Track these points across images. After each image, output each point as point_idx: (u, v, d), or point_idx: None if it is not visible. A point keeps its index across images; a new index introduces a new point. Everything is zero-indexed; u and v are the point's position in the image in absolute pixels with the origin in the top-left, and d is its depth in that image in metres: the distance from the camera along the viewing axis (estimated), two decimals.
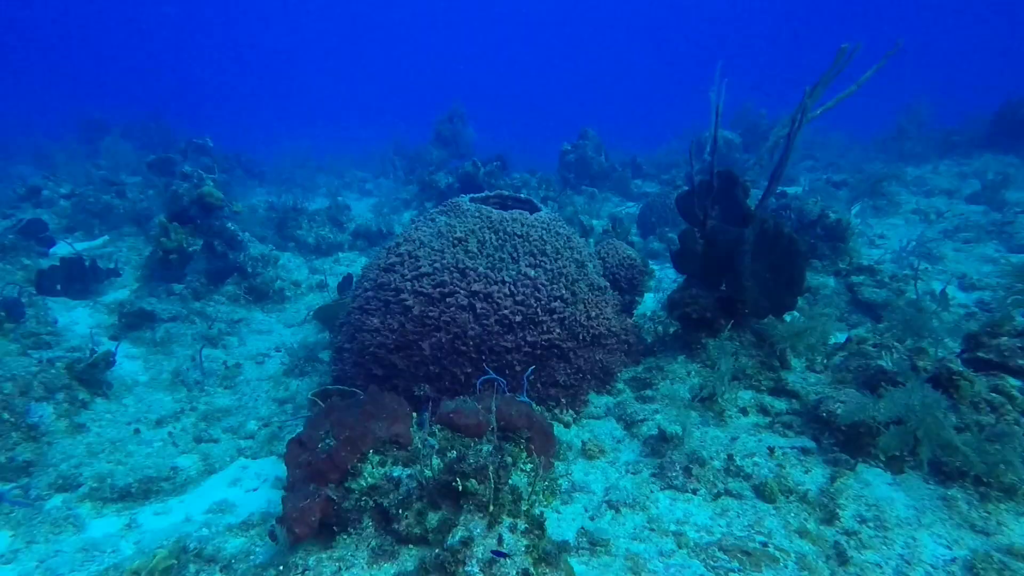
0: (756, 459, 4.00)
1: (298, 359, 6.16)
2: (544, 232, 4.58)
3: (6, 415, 4.43)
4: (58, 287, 7.40)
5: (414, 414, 3.92)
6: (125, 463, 4.51)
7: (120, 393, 5.43)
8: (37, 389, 4.69)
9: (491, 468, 3.06)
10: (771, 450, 4.08)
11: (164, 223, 7.93)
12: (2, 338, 5.45)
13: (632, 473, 3.99)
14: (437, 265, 4.49)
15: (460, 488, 2.98)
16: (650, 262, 8.83)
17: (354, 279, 7.73)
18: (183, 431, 5.04)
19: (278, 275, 8.38)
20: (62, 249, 9.74)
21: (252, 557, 3.37)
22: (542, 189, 12.60)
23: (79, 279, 7.60)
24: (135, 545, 3.71)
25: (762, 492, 3.73)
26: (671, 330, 5.62)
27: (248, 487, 4.55)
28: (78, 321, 6.77)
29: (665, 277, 8.30)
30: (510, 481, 3.25)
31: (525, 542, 2.84)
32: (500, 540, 2.82)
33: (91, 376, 5.12)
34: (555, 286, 4.42)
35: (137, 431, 4.89)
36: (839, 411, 4.13)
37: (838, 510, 3.51)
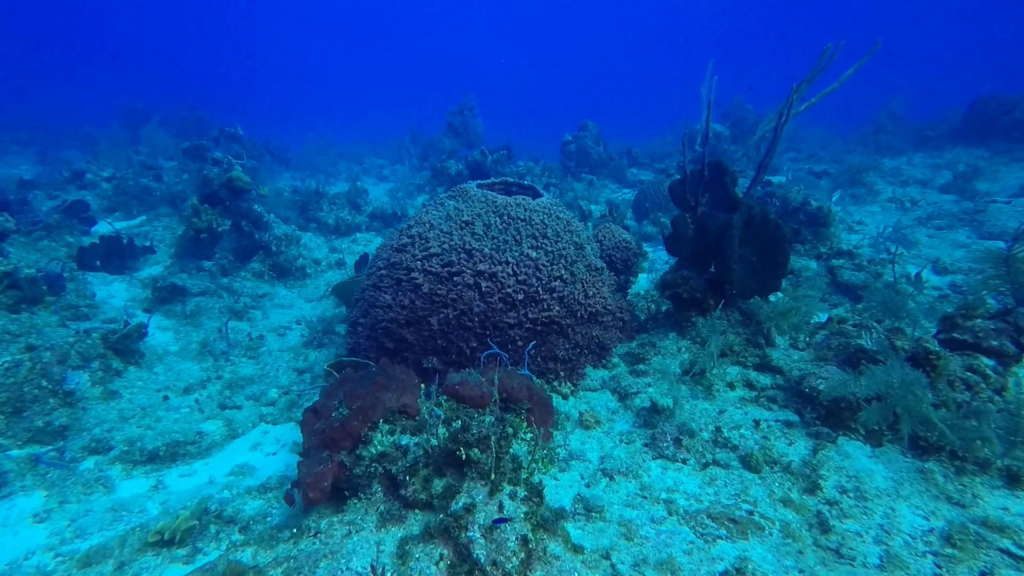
0: (742, 431, 3.85)
1: (316, 332, 6.01)
2: (545, 216, 4.38)
3: (44, 382, 4.31)
4: (97, 263, 7.25)
5: (422, 385, 3.78)
6: (154, 428, 4.40)
7: (152, 362, 5.31)
8: (74, 358, 4.56)
9: (493, 438, 2.91)
10: (756, 423, 3.92)
11: (196, 205, 7.75)
12: (44, 310, 5.32)
13: (626, 443, 3.85)
14: (445, 246, 4.31)
15: (464, 457, 2.84)
16: (644, 244, 8.62)
17: (370, 257, 7.57)
18: (209, 398, 4.92)
19: (300, 253, 8.20)
20: (103, 228, 9.58)
21: (269, 519, 3.25)
22: (545, 176, 12.32)
23: (117, 256, 7.46)
24: (161, 506, 3.60)
25: (748, 463, 3.59)
26: (663, 308, 5.44)
27: (268, 451, 4.45)
28: (115, 295, 6.64)
29: (658, 258, 8.10)
30: (511, 450, 3.12)
31: (524, 509, 2.71)
32: (501, 507, 2.68)
33: (124, 346, 4.99)
34: (555, 267, 4.23)
35: (166, 398, 4.78)
36: (821, 387, 3.97)
37: (820, 481, 3.37)
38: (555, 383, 4.33)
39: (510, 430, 2.99)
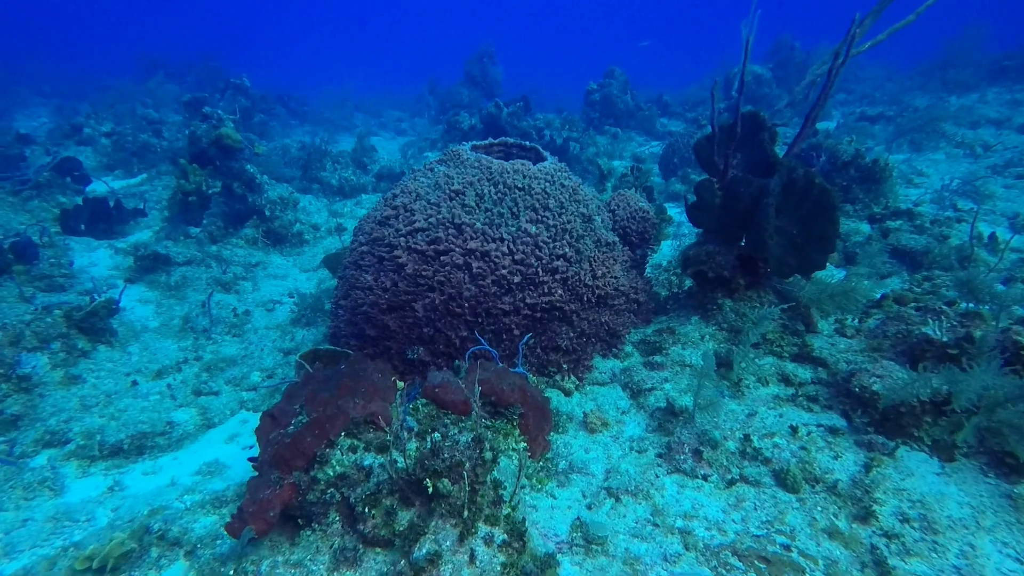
0: (776, 440, 3.27)
1: (305, 308, 5.56)
2: (547, 184, 3.72)
3: None
4: (82, 227, 6.89)
5: (401, 384, 3.28)
6: (118, 418, 4.04)
7: (126, 340, 4.94)
8: (30, 339, 4.20)
9: (467, 465, 2.40)
10: (794, 429, 3.33)
11: (184, 165, 7.26)
12: (9, 281, 4.96)
13: (637, 451, 3.31)
14: (432, 220, 3.71)
15: (431, 490, 2.34)
16: (670, 206, 7.84)
17: None
18: (183, 383, 4.55)
19: (297, 218, 7.70)
20: (100, 187, 9.22)
21: (218, 543, 2.85)
22: (565, 129, 11.42)
23: (103, 219, 7.08)
24: (112, 513, 3.26)
25: (783, 480, 3.03)
26: (686, 284, 4.79)
27: (245, 443, 4.08)
28: (97, 262, 6.28)
29: (685, 222, 7.32)
30: (493, 474, 2.62)
31: (502, 559, 2.21)
32: (472, 557, 2.19)
33: (91, 324, 4.61)
34: (558, 243, 3.61)
35: (135, 383, 4.41)
36: (876, 387, 3.33)
37: (875, 506, 2.79)
38: (557, 377, 3.78)
39: (488, 454, 2.47)
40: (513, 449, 2.99)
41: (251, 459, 3.25)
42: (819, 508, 2.86)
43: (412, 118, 18.95)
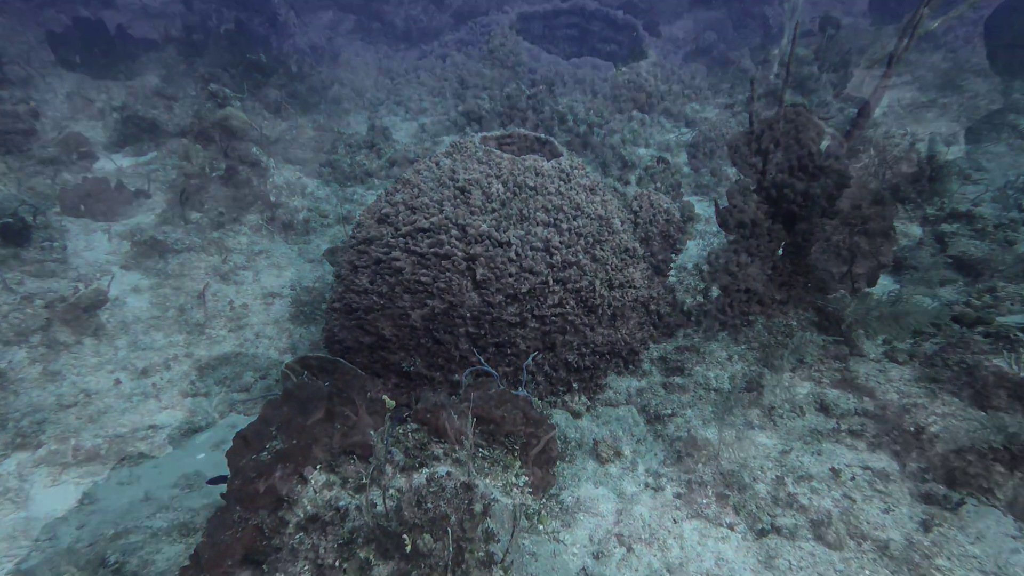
0: (814, 484, 2.89)
1: (304, 304, 5.27)
2: (561, 183, 3.33)
3: None
4: (81, 208, 6.68)
5: (392, 403, 2.96)
6: (97, 420, 3.82)
7: (115, 333, 4.71)
8: (6, 332, 3.98)
9: (452, 519, 2.08)
10: (835, 472, 2.95)
11: (187, 145, 7.00)
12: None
13: (653, 489, 2.96)
14: (434, 220, 3.36)
15: (409, 548, 2.02)
16: (698, 199, 7.35)
17: None
18: (170, 382, 4.30)
19: (305, 204, 7.40)
20: (108, 166, 9.04)
21: None
22: (589, 115, 10.87)
23: (103, 199, 6.86)
24: (76, 531, 3.02)
25: (823, 533, 2.65)
26: (713, 292, 4.37)
27: None
28: (94, 246, 6.06)
29: (713, 217, 6.83)
30: (493, 509, 2.29)
31: None
32: None
33: (75, 316, 4.39)
34: (571, 249, 3.23)
35: (118, 381, 4.18)
36: (935, 427, 2.92)
37: (937, 575, 2.40)
38: (566, 397, 3.43)
39: (479, 506, 2.14)
40: (513, 484, 2.67)
41: (212, 481, 3.00)
42: (867, 573, 2.48)
43: (433, 97, 18.45)
